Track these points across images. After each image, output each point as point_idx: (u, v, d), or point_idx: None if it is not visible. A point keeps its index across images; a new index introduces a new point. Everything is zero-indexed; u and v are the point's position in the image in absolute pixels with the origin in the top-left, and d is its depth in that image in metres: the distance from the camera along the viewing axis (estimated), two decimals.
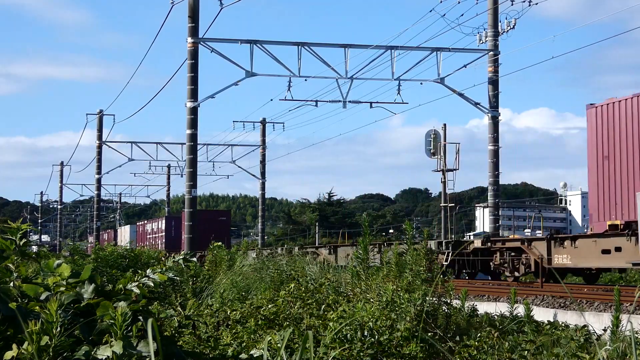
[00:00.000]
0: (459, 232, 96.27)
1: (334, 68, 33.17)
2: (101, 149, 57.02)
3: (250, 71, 32.23)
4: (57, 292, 3.70)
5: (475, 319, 9.69)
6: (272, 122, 54.65)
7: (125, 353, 3.36)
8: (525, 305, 8.62)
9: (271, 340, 5.94)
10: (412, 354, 6.55)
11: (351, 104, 34.93)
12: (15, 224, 4.09)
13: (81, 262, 16.11)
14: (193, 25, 30.90)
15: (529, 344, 6.84)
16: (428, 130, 42.14)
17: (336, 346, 6.39)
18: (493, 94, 32.59)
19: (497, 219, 32.61)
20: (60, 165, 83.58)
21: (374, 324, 6.74)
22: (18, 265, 3.94)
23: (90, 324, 3.52)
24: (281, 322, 7.59)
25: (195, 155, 31.99)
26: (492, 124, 32.65)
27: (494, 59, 32.41)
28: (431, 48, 33.10)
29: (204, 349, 5.79)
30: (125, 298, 3.75)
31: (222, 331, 7.20)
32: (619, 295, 8.50)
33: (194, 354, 3.97)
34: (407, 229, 10.40)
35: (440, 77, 33.49)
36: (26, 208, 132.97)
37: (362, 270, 10.23)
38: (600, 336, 8.05)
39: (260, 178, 55.00)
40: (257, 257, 21.36)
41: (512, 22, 31.97)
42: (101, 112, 56.49)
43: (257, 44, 32.06)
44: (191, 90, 30.94)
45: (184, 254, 4.55)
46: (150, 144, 59.22)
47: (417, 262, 9.54)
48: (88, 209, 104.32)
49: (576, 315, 14.79)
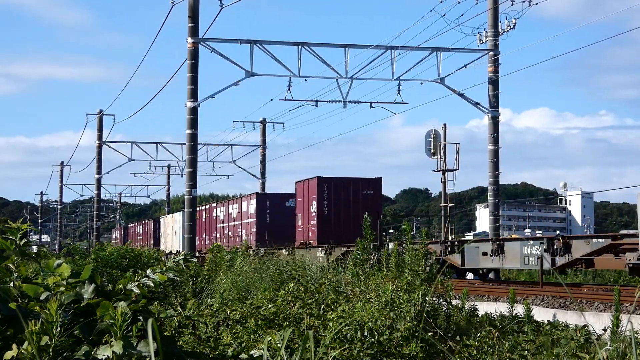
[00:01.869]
0: (459, 232, 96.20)
1: (334, 68, 33.17)
2: (101, 149, 57.00)
3: (250, 71, 32.22)
4: (57, 292, 3.70)
5: (475, 318, 9.69)
6: (272, 122, 54.66)
7: (125, 353, 3.36)
8: (525, 305, 8.62)
9: (271, 340, 5.94)
10: (412, 353, 6.55)
11: (351, 104, 34.91)
12: (16, 224, 4.09)
13: (81, 262, 16.12)
14: (193, 25, 30.89)
15: (529, 344, 6.84)
16: (428, 130, 42.27)
17: (336, 346, 6.39)
18: (493, 94, 32.58)
19: (497, 219, 32.61)
20: (60, 165, 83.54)
21: (374, 324, 6.74)
22: (18, 265, 3.94)
23: (90, 324, 3.52)
24: (281, 322, 7.60)
25: (195, 155, 31.98)
26: (492, 124, 32.64)
27: (494, 59, 32.41)
28: (431, 48, 33.09)
29: (204, 349, 5.79)
30: (125, 298, 3.75)
31: (222, 331, 7.20)
32: (619, 295, 8.50)
33: (194, 354, 3.97)
34: (406, 229, 10.40)
35: (440, 77, 33.48)
36: (26, 208, 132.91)
37: (361, 270, 10.24)
38: (600, 336, 8.05)
39: (260, 178, 54.98)
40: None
41: (512, 22, 31.97)
42: (101, 112, 56.48)
43: (257, 44, 32.05)
44: (191, 90, 30.94)
45: (184, 254, 4.54)
46: (150, 144, 59.20)
47: (416, 262, 9.54)
48: (88, 209, 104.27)
49: (576, 315, 14.79)
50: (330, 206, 35.47)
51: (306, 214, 36.67)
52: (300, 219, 37.30)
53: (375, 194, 36.45)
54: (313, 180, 36.22)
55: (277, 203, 42.75)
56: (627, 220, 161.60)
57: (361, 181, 36.31)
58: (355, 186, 35.76)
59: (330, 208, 35.45)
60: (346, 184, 35.90)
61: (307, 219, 36.60)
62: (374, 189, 36.42)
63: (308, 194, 36.50)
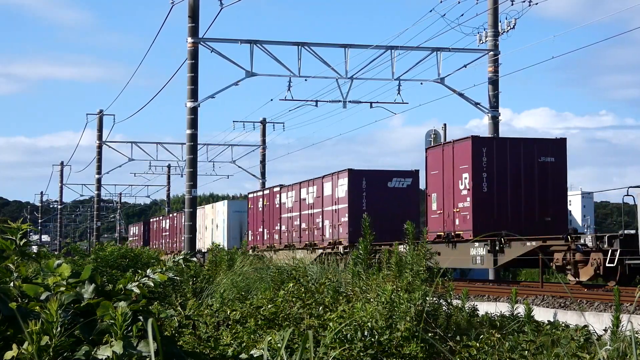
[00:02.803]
0: None
1: (334, 68, 33.19)
2: (101, 149, 57.01)
3: (250, 71, 32.23)
4: (57, 292, 3.70)
5: (476, 319, 9.69)
6: (272, 122, 54.68)
7: (125, 353, 3.36)
8: (526, 305, 8.62)
9: (271, 340, 5.94)
10: (412, 354, 6.55)
11: (351, 104, 34.94)
12: (16, 224, 4.09)
13: (81, 262, 16.12)
14: (193, 25, 30.91)
15: (529, 344, 6.84)
16: (428, 130, 42.20)
17: (336, 346, 6.39)
18: (493, 94, 32.59)
19: None
20: (60, 165, 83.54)
21: (374, 324, 6.74)
22: (18, 265, 3.94)
23: (90, 324, 3.52)
24: (281, 322, 7.59)
25: (195, 155, 32.00)
26: (492, 124, 32.65)
27: (494, 59, 32.41)
28: (431, 48, 33.10)
29: (204, 349, 5.79)
30: (125, 298, 3.75)
31: (222, 331, 7.20)
32: (619, 295, 8.51)
33: (194, 354, 3.97)
34: (408, 228, 10.40)
35: (440, 77, 33.49)
36: (26, 208, 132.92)
37: (362, 270, 10.24)
38: (600, 336, 8.05)
39: (260, 178, 54.98)
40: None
41: (512, 22, 31.97)
42: (101, 112, 56.50)
43: (257, 44, 32.07)
44: (191, 90, 30.96)
45: (184, 253, 4.54)
46: (150, 144, 59.26)
47: (417, 261, 9.54)
48: (88, 209, 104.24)
49: (576, 315, 14.79)
50: (491, 180, 25.41)
51: (449, 192, 26.09)
52: (436, 201, 26.93)
53: (558, 162, 25.99)
54: (465, 143, 25.73)
55: (376, 183, 32.39)
56: (627, 221, 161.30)
57: (536, 144, 26.13)
58: (529, 150, 25.73)
59: (492, 183, 25.41)
60: (514, 147, 25.71)
61: (450, 200, 26.09)
62: (556, 154, 26.00)
63: (452, 163, 26.13)
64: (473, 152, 25.15)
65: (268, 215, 40.80)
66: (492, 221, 24.66)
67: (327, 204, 33.78)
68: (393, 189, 32.62)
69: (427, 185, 27.78)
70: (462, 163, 25.55)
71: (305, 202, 36.14)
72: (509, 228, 23.77)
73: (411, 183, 32.81)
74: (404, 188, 32.67)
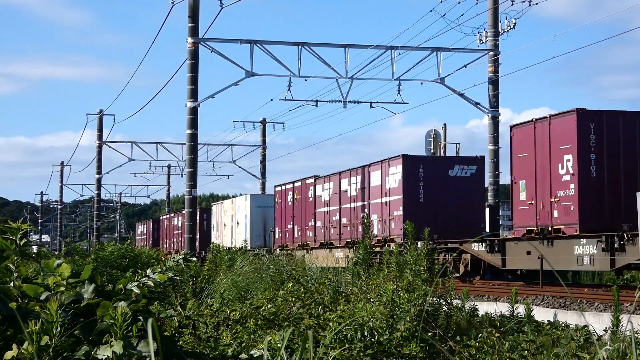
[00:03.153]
0: None
1: (334, 68, 33.19)
2: (101, 149, 57.01)
3: (250, 71, 32.23)
4: (57, 292, 3.70)
5: (476, 318, 9.69)
6: (272, 122, 54.69)
7: (125, 353, 3.36)
8: (526, 305, 8.62)
9: (271, 340, 5.94)
10: (412, 354, 6.55)
11: (351, 104, 34.92)
12: (16, 224, 4.09)
13: (81, 262, 16.11)
14: (193, 25, 30.91)
15: (529, 344, 6.84)
16: (428, 130, 42.28)
17: (336, 346, 6.39)
18: (493, 94, 32.59)
19: (497, 219, 32.60)
20: (60, 165, 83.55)
21: (374, 324, 6.74)
22: (18, 265, 3.94)
23: (90, 324, 3.52)
24: (281, 322, 7.59)
25: (196, 155, 32.00)
26: (492, 124, 32.63)
27: (494, 59, 32.41)
28: (431, 48, 33.10)
29: (204, 349, 5.79)
30: (125, 298, 3.75)
31: (222, 331, 7.20)
32: (618, 295, 8.51)
33: (194, 354, 3.97)
34: (408, 228, 10.40)
35: (440, 77, 33.48)
36: (26, 208, 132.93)
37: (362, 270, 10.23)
38: (600, 336, 8.06)
39: (260, 178, 54.98)
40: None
41: (512, 22, 31.97)
42: (101, 112, 56.49)
43: (257, 44, 32.07)
44: (191, 90, 30.95)
45: (184, 253, 4.54)
46: (150, 144, 59.22)
47: (417, 261, 9.54)
48: (88, 209, 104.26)
49: (576, 315, 14.78)
50: (600, 163, 21.04)
51: (543, 178, 21.93)
52: (526, 189, 22.91)
53: None
54: (567, 118, 21.42)
55: (435, 171, 28.64)
56: None
57: None
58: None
59: (602, 166, 21.03)
60: (629, 122, 21.26)
61: (546, 188, 21.90)
62: None
63: (549, 143, 21.89)
64: (579, 129, 20.76)
65: (300, 210, 36.66)
66: (604, 213, 20.74)
67: (375, 196, 29.82)
68: (455, 177, 28.95)
69: (512, 170, 23.64)
70: (564, 142, 21.34)
71: (346, 194, 32.37)
72: (622, 221, 19.67)
73: (476, 171, 29.19)
74: (468, 177, 29.04)
